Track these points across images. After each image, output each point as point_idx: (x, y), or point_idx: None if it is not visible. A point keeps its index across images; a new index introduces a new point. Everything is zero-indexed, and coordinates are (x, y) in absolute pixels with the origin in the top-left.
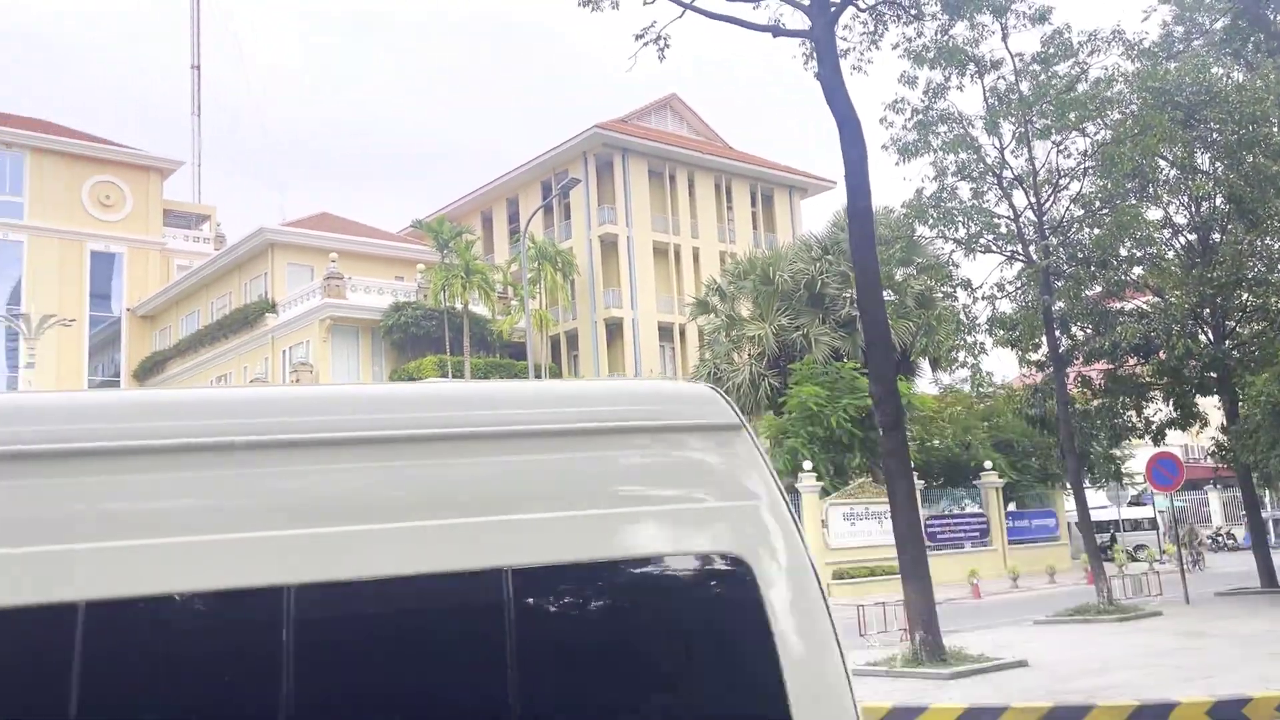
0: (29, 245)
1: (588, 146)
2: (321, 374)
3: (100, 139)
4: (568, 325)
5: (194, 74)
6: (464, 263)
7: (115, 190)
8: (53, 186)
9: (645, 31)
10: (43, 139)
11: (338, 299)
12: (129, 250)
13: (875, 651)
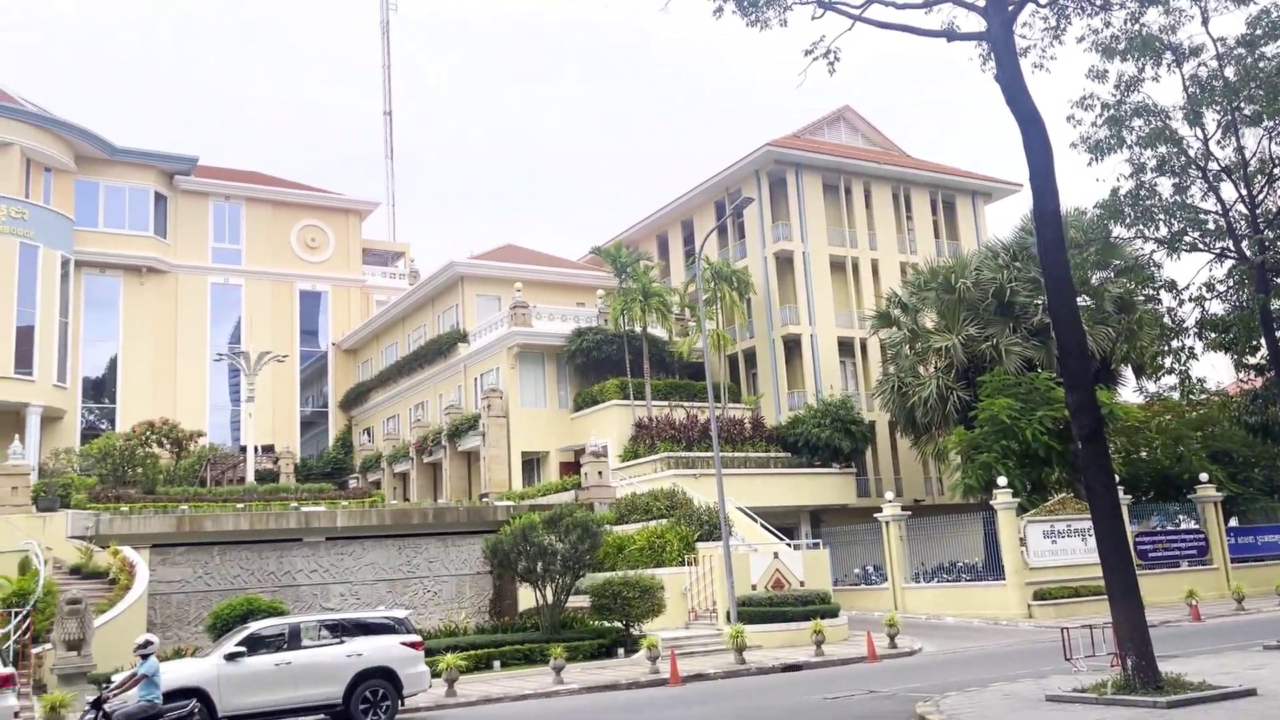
0: (246, 288)
1: (760, 165)
2: (511, 400)
3: (305, 186)
4: (745, 344)
5: (386, 120)
6: (641, 286)
7: (320, 233)
8: (265, 233)
9: (814, 46)
10: (255, 189)
11: (523, 327)
12: (333, 289)
13: (1083, 677)
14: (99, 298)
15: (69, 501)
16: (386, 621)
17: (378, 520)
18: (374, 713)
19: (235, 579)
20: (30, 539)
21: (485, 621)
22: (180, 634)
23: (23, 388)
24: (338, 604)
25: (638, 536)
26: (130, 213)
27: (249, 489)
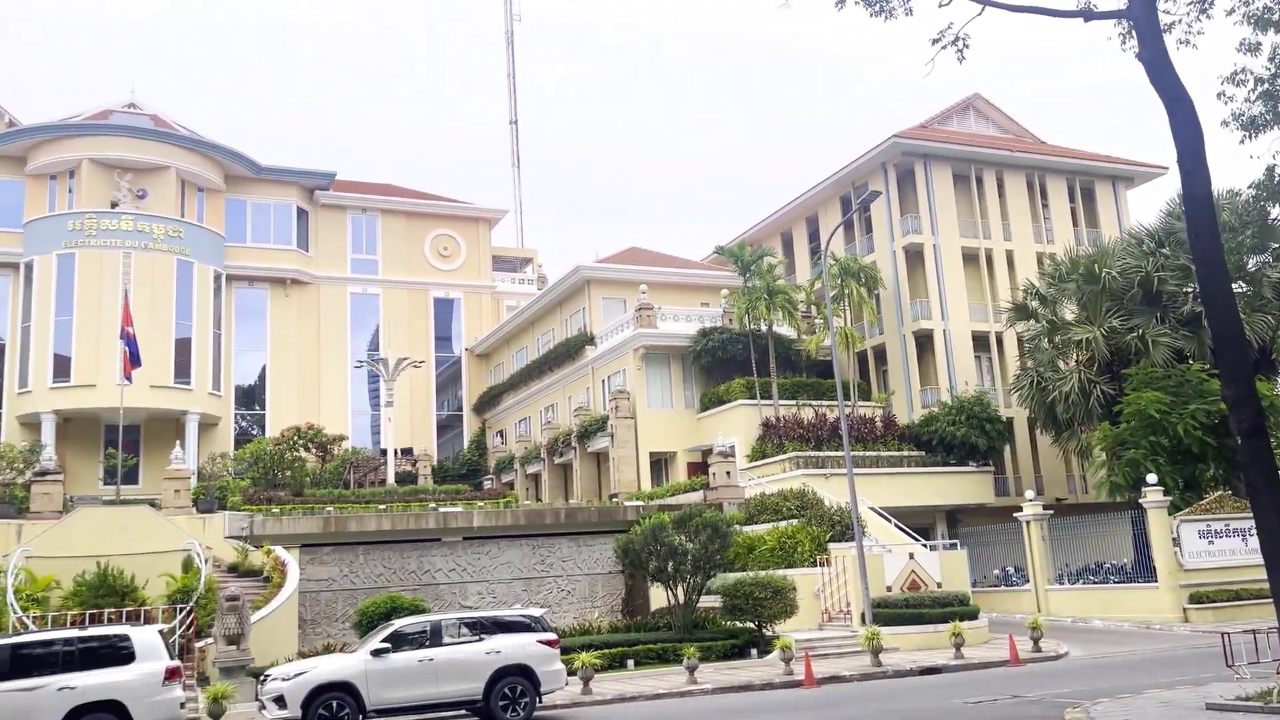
0: (384, 297)
1: (886, 157)
2: (638, 401)
3: (436, 196)
4: (875, 341)
5: (512, 129)
6: (766, 285)
7: (451, 242)
8: (400, 243)
9: (942, 34)
10: (390, 201)
11: (649, 328)
12: (465, 295)
13: (1247, 685)
14: (248, 309)
15: (225, 503)
16: (523, 620)
17: (512, 520)
18: (513, 709)
19: (379, 577)
20: (192, 539)
21: (618, 620)
22: (329, 630)
23: (182, 396)
24: (475, 602)
25: (768, 537)
26: (275, 228)
27: (390, 491)
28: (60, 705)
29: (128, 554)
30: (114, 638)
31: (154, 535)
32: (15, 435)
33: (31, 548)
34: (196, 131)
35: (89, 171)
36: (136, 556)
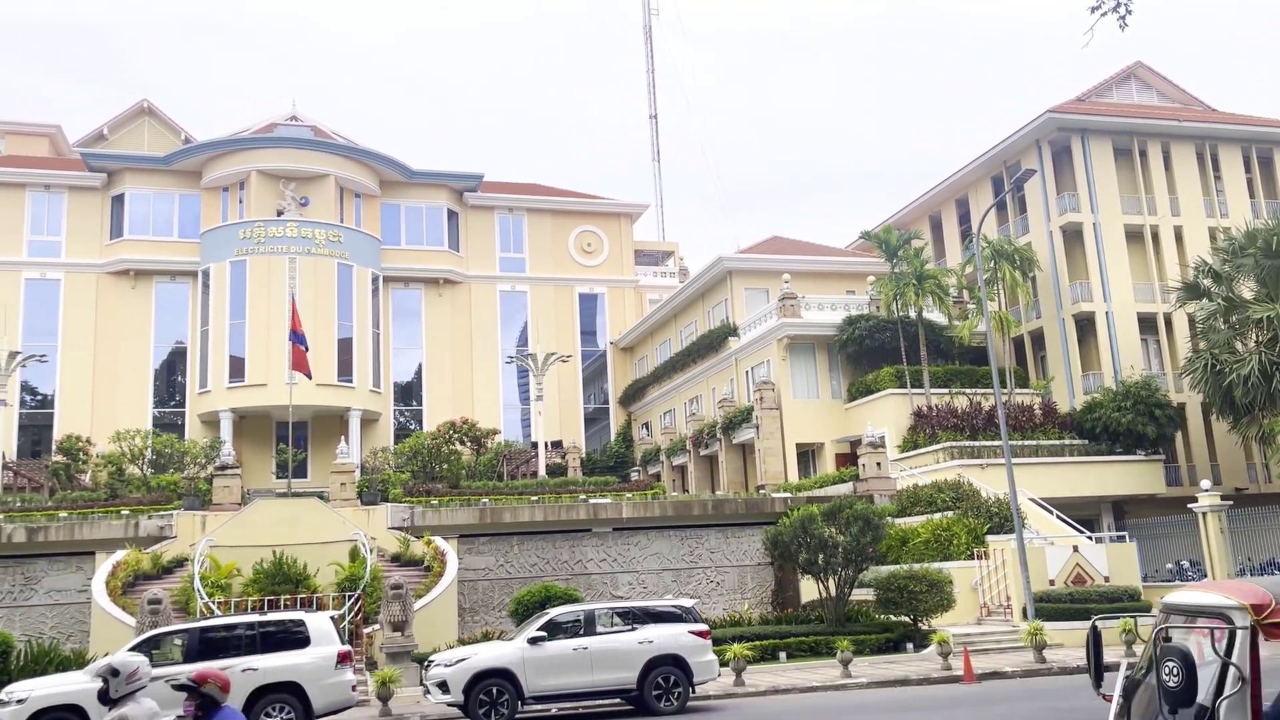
0: (531, 294)
1: (1040, 133)
2: (783, 391)
3: (579, 194)
4: (1031, 325)
5: (652, 123)
6: (914, 270)
7: (595, 238)
8: (545, 241)
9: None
10: (535, 200)
11: (792, 318)
12: (608, 290)
13: None
14: (404, 309)
15: (387, 495)
16: (675, 610)
17: (660, 512)
18: (667, 699)
19: (532, 567)
20: (358, 529)
21: (768, 612)
22: (486, 618)
23: (345, 394)
24: (626, 592)
25: (921, 529)
26: (427, 230)
27: (541, 482)
28: (245, 685)
29: (300, 544)
30: (290, 623)
31: (323, 526)
32: (197, 432)
33: (214, 537)
34: (352, 140)
35: (257, 182)
36: (307, 546)
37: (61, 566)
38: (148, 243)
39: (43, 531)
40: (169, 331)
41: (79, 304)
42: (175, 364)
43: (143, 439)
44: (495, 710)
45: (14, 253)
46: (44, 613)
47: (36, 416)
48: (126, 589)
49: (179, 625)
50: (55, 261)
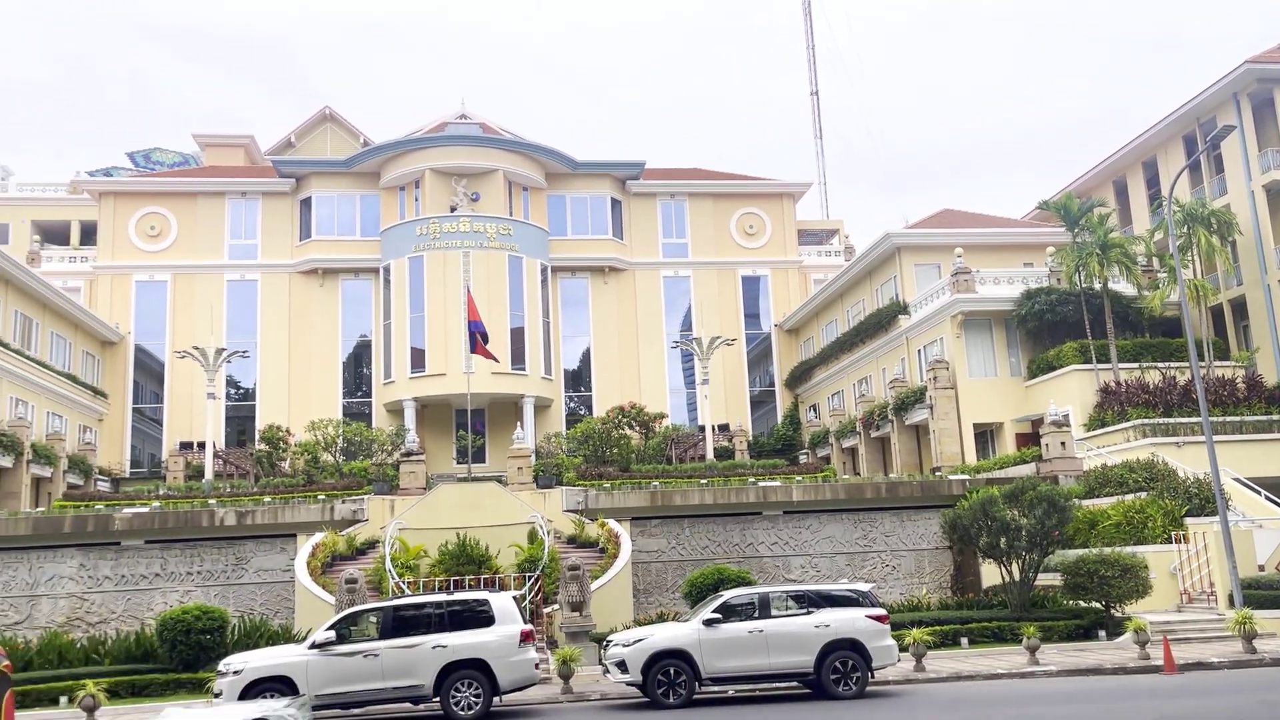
0: (694, 279)
1: (1238, 87)
2: (957, 370)
3: (740, 176)
4: (1231, 293)
5: (813, 100)
6: (1098, 238)
7: (757, 220)
8: (707, 225)
9: None
10: (696, 185)
11: (966, 294)
12: (772, 271)
13: None
14: (571, 298)
15: (561, 479)
16: (851, 594)
17: (831, 495)
18: (845, 683)
19: (704, 549)
20: (535, 512)
21: (947, 597)
22: (660, 599)
23: (519, 381)
24: (798, 575)
25: (1111, 511)
26: (592, 219)
27: (709, 466)
28: (436, 661)
29: (481, 526)
30: (474, 602)
31: (502, 509)
32: (383, 421)
33: (403, 520)
34: (519, 134)
35: (431, 180)
36: (488, 528)
37: (267, 547)
38: (333, 242)
39: (250, 515)
40: (355, 326)
41: (274, 302)
42: (361, 356)
43: (334, 428)
44: (673, 690)
45: (216, 256)
46: (253, 590)
47: (240, 408)
48: (325, 569)
49: (374, 604)
50: (252, 263)
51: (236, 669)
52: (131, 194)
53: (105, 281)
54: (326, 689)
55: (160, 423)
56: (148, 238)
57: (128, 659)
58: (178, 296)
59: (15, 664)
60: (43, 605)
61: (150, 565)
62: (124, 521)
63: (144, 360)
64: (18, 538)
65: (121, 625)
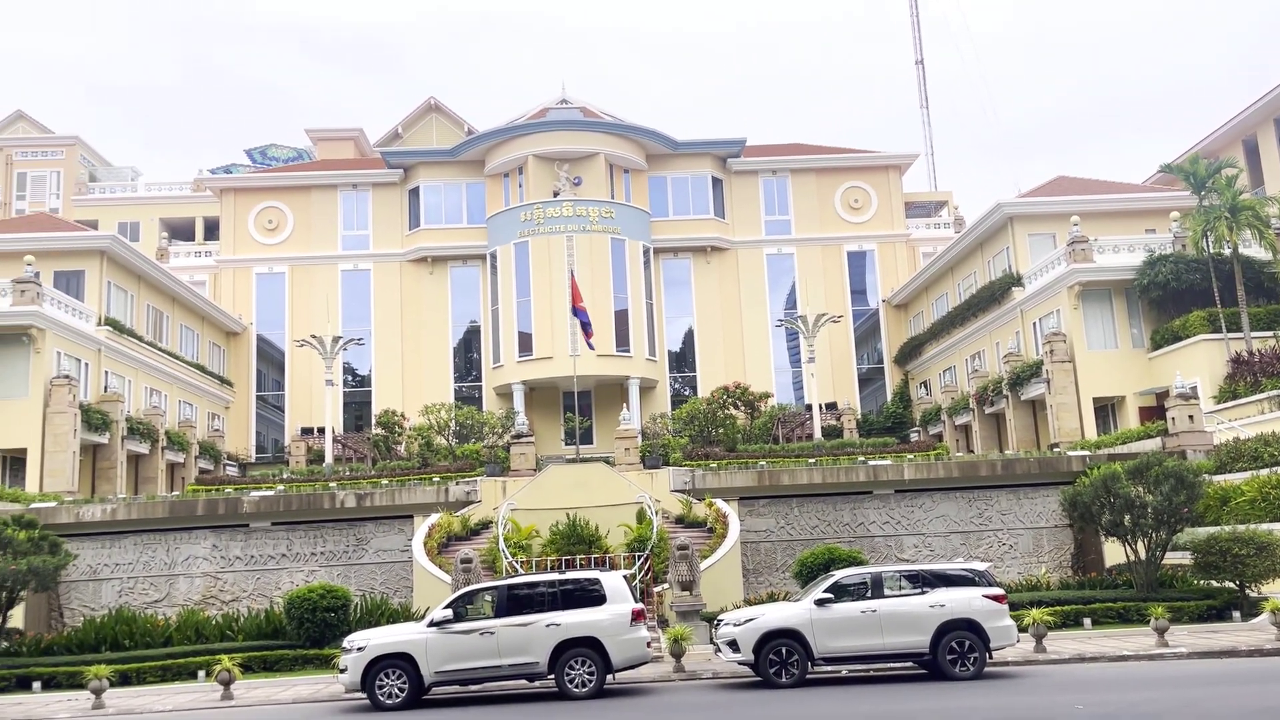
0: (798, 255)
1: None
2: (1075, 342)
3: (843, 149)
4: None
5: (918, 69)
6: (1227, 201)
7: (862, 193)
8: (810, 201)
9: None
10: (798, 160)
11: (1084, 263)
12: (878, 246)
13: None
14: (674, 278)
15: (668, 459)
16: (967, 573)
17: (944, 473)
18: (962, 664)
19: (814, 529)
20: (642, 492)
21: (1068, 577)
22: (770, 579)
23: (623, 363)
24: (911, 555)
25: (1246, 487)
26: (693, 199)
27: (817, 445)
28: (550, 639)
29: (590, 506)
30: (586, 581)
31: (610, 489)
32: (493, 404)
33: (514, 501)
34: (619, 117)
35: (534, 166)
36: (597, 509)
37: (386, 528)
38: (441, 230)
39: (369, 497)
40: (464, 312)
41: (386, 291)
42: (471, 341)
43: (447, 412)
44: (786, 670)
45: (331, 248)
46: (373, 570)
47: (357, 394)
48: (441, 549)
49: (489, 583)
50: (365, 253)
51: (360, 646)
52: (250, 190)
53: (228, 274)
54: (445, 666)
55: (282, 409)
56: (266, 231)
57: (259, 635)
58: (295, 287)
59: (156, 640)
60: (180, 584)
61: (277, 546)
62: (251, 504)
63: (266, 349)
64: (156, 520)
65: (252, 603)
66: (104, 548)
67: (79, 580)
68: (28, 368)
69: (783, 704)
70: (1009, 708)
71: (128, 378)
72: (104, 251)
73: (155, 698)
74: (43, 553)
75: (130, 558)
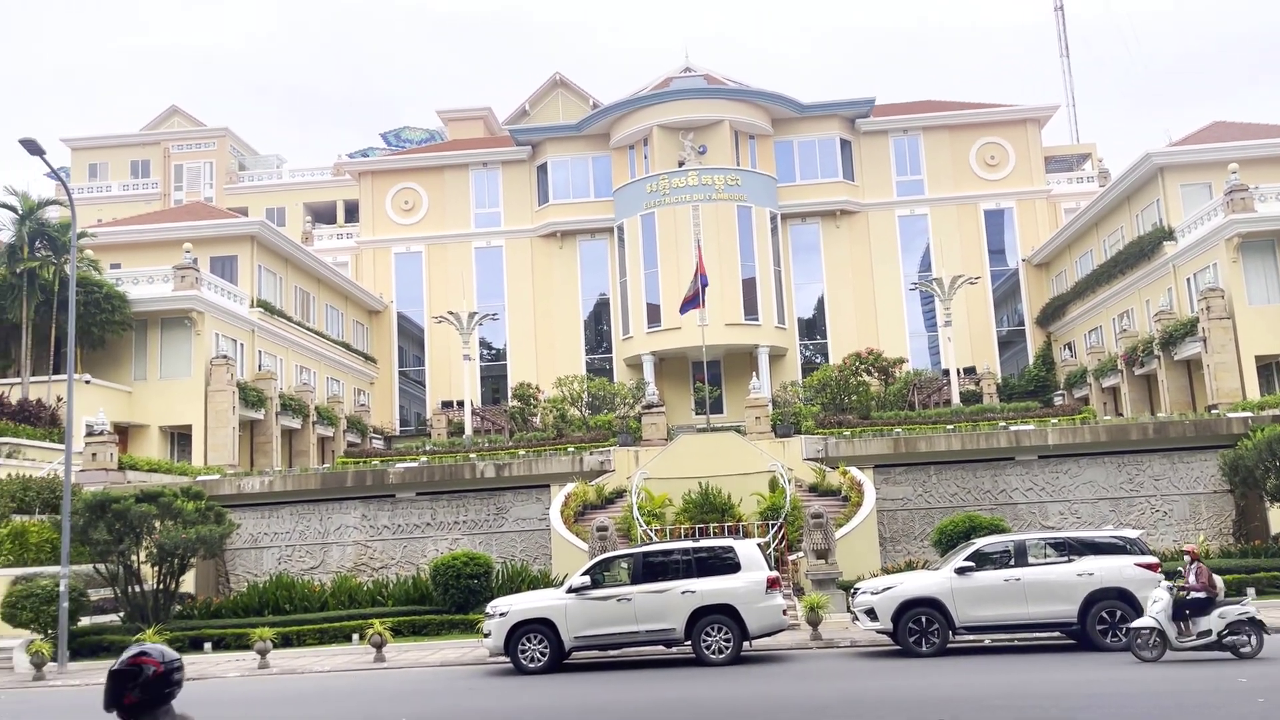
0: (931, 216)
1: None
2: (1235, 298)
3: (977, 104)
4: None
5: (1057, 16)
6: None
7: (998, 149)
8: (944, 159)
9: None
10: (930, 118)
11: (1244, 213)
12: (1017, 203)
13: None
14: (803, 244)
15: (799, 428)
16: (1117, 541)
17: (1091, 437)
18: (1114, 634)
19: (953, 496)
20: (775, 461)
21: (1229, 544)
22: (907, 548)
23: (752, 331)
24: (1056, 523)
25: None
26: (821, 162)
27: (955, 410)
28: (686, 606)
29: (721, 475)
30: (720, 549)
31: (741, 458)
32: (624, 375)
33: (647, 470)
34: (743, 82)
35: (658, 137)
36: (729, 477)
37: (524, 498)
38: (569, 205)
39: (507, 467)
40: (593, 285)
41: (518, 266)
42: (601, 314)
43: (579, 384)
44: (926, 639)
45: (464, 226)
46: (513, 538)
47: (493, 368)
48: (577, 517)
49: (625, 550)
50: (496, 230)
51: (502, 611)
52: (385, 172)
53: (368, 255)
54: (584, 631)
55: (423, 383)
56: (402, 212)
57: (407, 601)
58: (432, 265)
59: (313, 605)
60: (333, 552)
61: (421, 515)
62: (397, 475)
63: (405, 326)
64: (310, 491)
65: (400, 570)
66: (263, 517)
67: (242, 548)
68: (190, 349)
69: (923, 673)
70: (1169, 681)
71: (279, 356)
72: (254, 237)
73: (314, 659)
74: (209, 522)
75: (287, 527)
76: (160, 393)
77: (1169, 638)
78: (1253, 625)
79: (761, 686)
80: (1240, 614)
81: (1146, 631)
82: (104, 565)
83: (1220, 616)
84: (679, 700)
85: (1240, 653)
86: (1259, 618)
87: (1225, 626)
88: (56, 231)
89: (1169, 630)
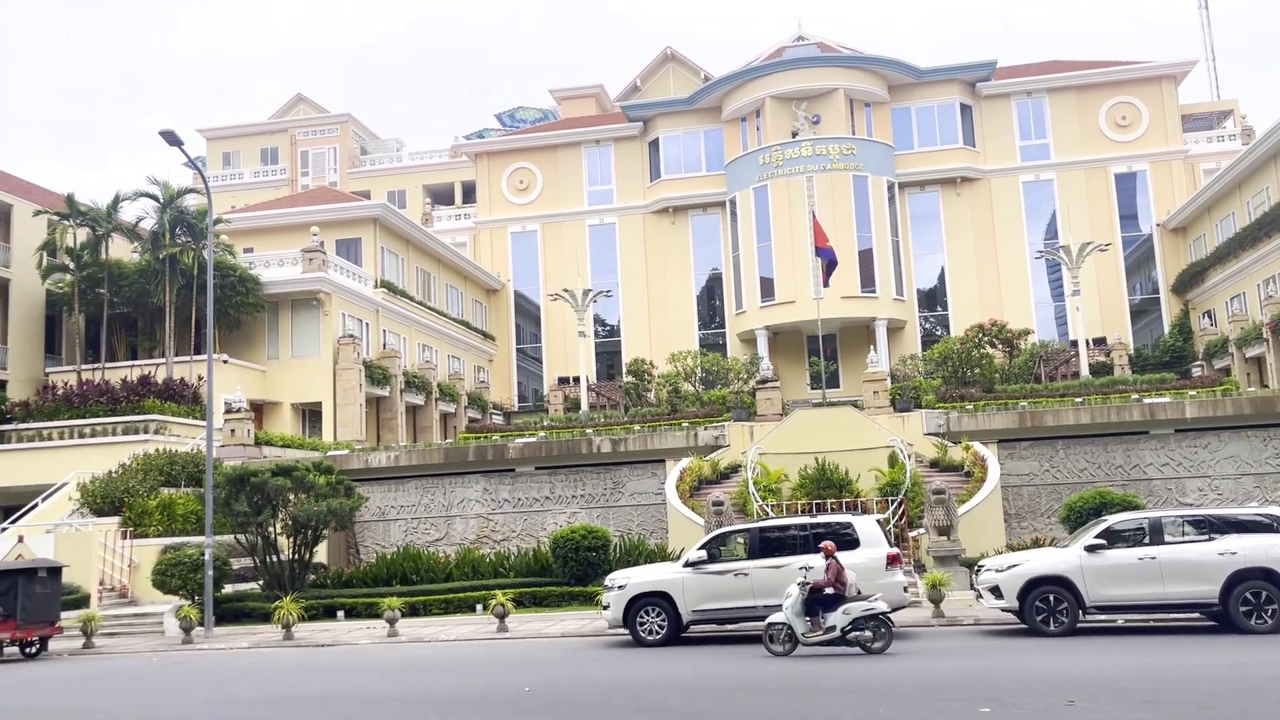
0: (1058, 181)
1: None
2: None
3: (1106, 62)
4: None
5: None
6: None
7: (1130, 109)
8: (1071, 121)
9: None
10: (1055, 79)
11: None
12: (1150, 165)
13: None
14: (921, 213)
15: (919, 402)
16: (1263, 519)
17: (1234, 410)
18: (1258, 616)
19: (1082, 472)
20: (894, 436)
21: None
22: (1033, 524)
23: (869, 304)
24: (1195, 499)
25: None
26: (940, 129)
27: (1084, 383)
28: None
29: (838, 450)
30: (839, 525)
31: (859, 433)
32: (737, 350)
33: (762, 445)
34: (857, 49)
35: (771, 108)
36: (846, 453)
37: (640, 472)
38: (681, 180)
39: (623, 443)
40: (705, 260)
41: (631, 243)
42: (713, 289)
43: (692, 359)
44: (1054, 618)
45: (577, 204)
46: (630, 512)
47: (607, 344)
48: (692, 492)
49: (741, 525)
50: (609, 208)
51: (621, 584)
52: (500, 152)
53: (485, 235)
54: (701, 605)
55: (540, 360)
56: (518, 191)
57: (527, 573)
58: (546, 244)
59: (438, 575)
60: (456, 525)
61: (540, 489)
62: (516, 450)
63: (522, 304)
64: (434, 465)
65: (520, 543)
66: (390, 491)
67: (370, 520)
68: (318, 329)
69: (1050, 653)
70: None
71: (402, 335)
72: (376, 219)
73: (440, 628)
74: (339, 495)
75: (413, 500)
76: (292, 371)
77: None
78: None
79: (881, 663)
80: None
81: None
82: (244, 535)
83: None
84: (796, 674)
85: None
86: None
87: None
88: (194, 218)
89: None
